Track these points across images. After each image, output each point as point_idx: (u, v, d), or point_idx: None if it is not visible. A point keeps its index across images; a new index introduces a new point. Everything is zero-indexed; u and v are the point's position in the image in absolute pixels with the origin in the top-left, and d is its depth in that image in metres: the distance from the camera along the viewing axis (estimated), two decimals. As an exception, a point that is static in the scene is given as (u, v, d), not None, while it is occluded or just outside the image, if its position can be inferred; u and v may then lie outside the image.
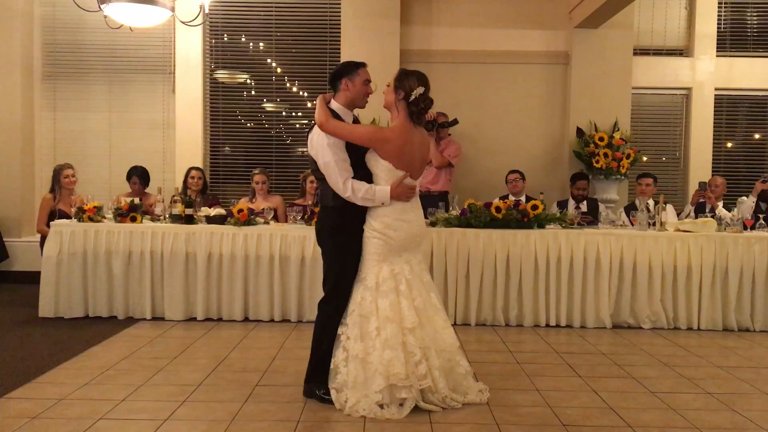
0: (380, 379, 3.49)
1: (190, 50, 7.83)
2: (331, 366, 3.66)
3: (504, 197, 6.69)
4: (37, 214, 6.86)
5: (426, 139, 3.85)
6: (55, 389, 3.88)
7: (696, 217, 6.28)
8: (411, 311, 3.58)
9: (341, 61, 7.52)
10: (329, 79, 3.88)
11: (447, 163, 6.96)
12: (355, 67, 3.78)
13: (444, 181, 7.02)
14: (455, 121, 6.81)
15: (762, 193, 7.03)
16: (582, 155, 7.55)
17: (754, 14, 8.43)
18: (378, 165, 3.67)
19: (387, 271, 3.65)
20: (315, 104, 3.79)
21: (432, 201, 6.22)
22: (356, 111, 3.89)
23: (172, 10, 6.24)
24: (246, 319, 5.75)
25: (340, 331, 3.67)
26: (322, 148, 3.65)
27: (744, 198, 7.01)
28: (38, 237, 6.74)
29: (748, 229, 5.95)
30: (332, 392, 3.64)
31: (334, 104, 3.78)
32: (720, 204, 6.93)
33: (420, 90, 3.64)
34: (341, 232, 3.73)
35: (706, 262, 5.69)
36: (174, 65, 7.88)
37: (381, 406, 3.50)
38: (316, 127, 3.69)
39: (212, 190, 7.68)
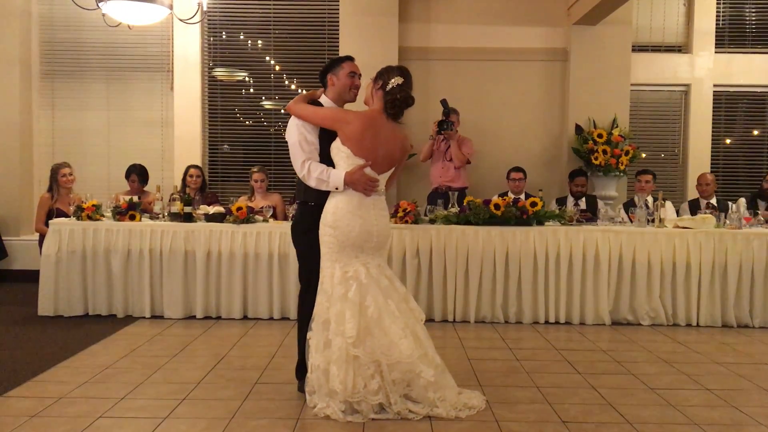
0: (338, 395, 3.40)
1: (188, 48, 7.82)
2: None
3: (503, 194, 6.70)
4: (35, 213, 6.86)
5: (400, 137, 3.69)
6: (55, 388, 3.88)
7: (694, 214, 6.29)
8: (352, 322, 3.39)
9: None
10: (319, 77, 3.85)
11: (467, 161, 7.08)
12: (340, 61, 3.78)
13: (463, 177, 7.14)
14: (445, 105, 6.80)
15: (764, 192, 7.06)
16: (581, 152, 7.55)
17: (753, 10, 8.42)
18: (339, 152, 3.56)
19: (339, 274, 3.50)
20: None
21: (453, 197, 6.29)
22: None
23: (171, 7, 6.24)
24: (245, 317, 5.75)
25: (308, 335, 3.59)
26: (291, 128, 3.66)
27: (743, 200, 7.02)
28: (37, 235, 6.74)
29: (747, 226, 5.95)
30: (306, 393, 3.62)
31: (324, 99, 3.78)
32: (713, 200, 6.98)
33: (399, 80, 3.56)
34: (313, 229, 3.66)
35: (705, 258, 5.69)
36: (172, 63, 7.86)
37: (345, 414, 3.43)
38: None
39: (211, 188, 7.68)
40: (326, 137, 3.66)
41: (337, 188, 3.54)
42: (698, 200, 7.08)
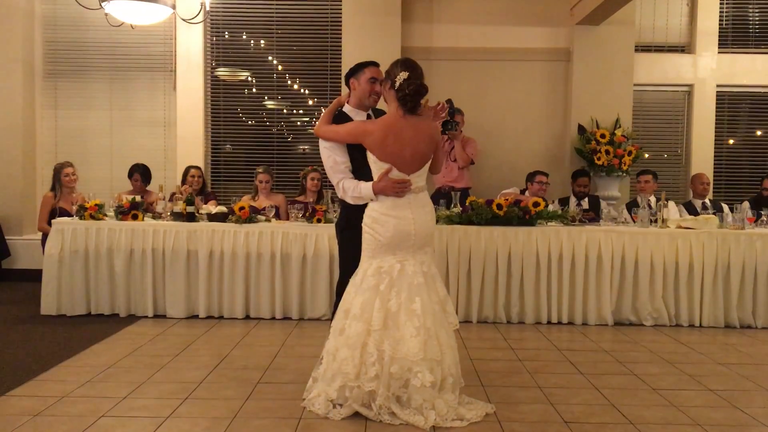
0: (339, 378, 3.45)
1: (191, 48, 7.82)
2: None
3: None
4: (38, 212, 6.87)
5: (426, 130, 3.66)
6: (57, 387, 3.89)
7: (697, 215, 6.27)
8: (380, 313, 3.45)
9: (342, 59, 7.58)
10: (345, 80, 3.94)
11: (470, 161, 7.08)
12: (362, 66, 3.83)
13: (467, 178, 7.14)
14: (451, 106, 6.75)
15: (763, 200, 7.05)
16: (583, 152, 7.54)
17: (756, 10, 8.41)
18: (369, 159, 3.65)
19: (373, 268, 3.57)
20: (316, 101, 3.84)
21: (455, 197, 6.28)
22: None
23: (173, 7, 6.25)
24: (247, 317, 5.75)
25: (332, 323, 3.66)
26: (322, 152, 3.80)
27: (747, 203, 7.03)
28: (40, 235, 6.75)
29: (751, 226, 5.94)
30: (310, 379, 3.68)
31: (346, 107, 3.89)
32: (707, 199, 7.01)
33: (403, 75, 3.54)
34: (347, 228, 3.81)
35: (708, 258, 5.68)
36: (175, 63, 7.87)
37: (333, 405, 3.47)
38: None
39: (213, 188, 7.69)
40: (355, 145, 3.72)
41: (372, 199, 3.65)
42: (691, 202, 7.08)
